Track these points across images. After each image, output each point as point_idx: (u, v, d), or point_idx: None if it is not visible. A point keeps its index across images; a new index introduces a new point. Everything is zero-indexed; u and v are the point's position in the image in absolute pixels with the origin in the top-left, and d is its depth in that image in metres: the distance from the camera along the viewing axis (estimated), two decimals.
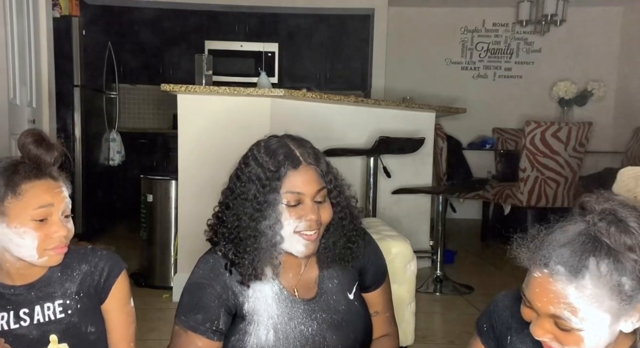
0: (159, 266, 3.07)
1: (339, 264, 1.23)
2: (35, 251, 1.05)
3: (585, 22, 5.69)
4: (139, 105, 5.91)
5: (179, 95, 2.79)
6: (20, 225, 1.04)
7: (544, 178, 3.99)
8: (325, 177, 1.16)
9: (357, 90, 5.65)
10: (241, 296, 1.16)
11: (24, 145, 1.06)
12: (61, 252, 1.09)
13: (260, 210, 1.11)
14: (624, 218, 0.83)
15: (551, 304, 0.83)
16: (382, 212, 3.36)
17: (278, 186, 1.10)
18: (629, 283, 0.81)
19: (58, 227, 1.06)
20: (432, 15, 5.83)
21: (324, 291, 1.22)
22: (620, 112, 5.73)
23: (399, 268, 1.98)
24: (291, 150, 1.14)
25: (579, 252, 0.82)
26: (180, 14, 5.48)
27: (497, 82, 5.95)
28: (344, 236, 1.21)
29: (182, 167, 2.83)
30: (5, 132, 2.78)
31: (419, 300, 2.20)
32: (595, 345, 0.84)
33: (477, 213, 5.19)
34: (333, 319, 1.20)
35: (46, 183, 1.06)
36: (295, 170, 1.11)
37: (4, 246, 1.06)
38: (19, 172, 1.04)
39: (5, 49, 2.80)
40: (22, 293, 1.10)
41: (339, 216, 1.20)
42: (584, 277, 0.80)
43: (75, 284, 1.14)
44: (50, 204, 1.05)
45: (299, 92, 2.96)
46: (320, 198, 1.13)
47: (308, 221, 1.11)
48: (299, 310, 1.18)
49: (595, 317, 0.81)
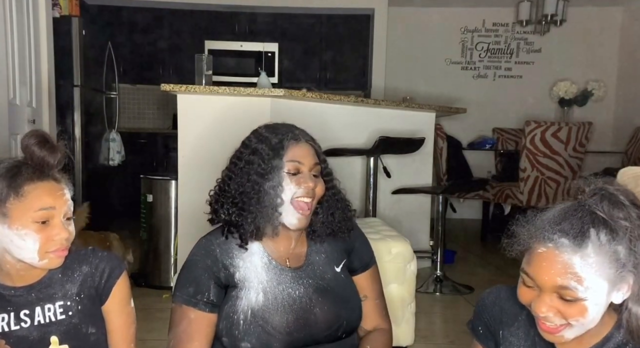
0: (159, 266, 3.06)
1: (334, 239, 1.31)
2: (37, 253, 1.05)
3: (585, 22, 5.69)
4: (139, 105, 5.91)
5: (179, 95, 2.79)
6: (21, 227, 1.03)
7: (544, 178, 3.99)
8: (320, 156, 1.28)
9: (357, 90, 5.65)
10: (232, 267, 1.22)
11: (27, 147, 1.06)
12: (62, 255, 1.09)
13: (264, 175, 1.20)
14: (614, 192, 0.91)
15: (558, 275, 0.88)
16: (382, 212, 3.36)
17: (282, 154, 1.21)
18: (623, 252, 0.87)
19: (59, 230, 1.06)
20: (432, 15, 5.83)
21: (311, 262, 1.30)
22: (620, 112, 5.73)
23: (399, 268, 1.98)
24: (292, 128, 1.28)
25: (579, 224, 0.88)
26: (180, 14, 5.48)
27: (497, 82, 5.95)
28: (339, 209, 1.31)
29: (182, 167, 2.83)
30: (5, 132, 2.78)
31: (419, 300, 2.21)
32: (596, 314, 0.89)
33: (477, 213, 5.19)
34: (319, 284, 1.27)
35: (49, 185, 1.06)
36: (297, 142, 1.24)
37: (5, 247, 1.06)
38: (21, 174, 1.04)
39: (5, 49, 2.80)
40: (22, 294, 1.10)
41: (332, 192, 1.30)
42: (587, 246, 0.87)
43: (76, 285, 1.14)
44: (52, 207, 1.05)
45: (299, 92, 2.97)
46: (315, 173, 1.24)
47: (305, 188, 1.20)
48: (287, 276, 1.25)
49: (597, 285, 0.87)
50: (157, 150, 5.30)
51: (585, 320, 0.89)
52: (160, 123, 5.86)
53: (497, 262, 3.82)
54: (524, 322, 1.03)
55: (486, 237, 4.68)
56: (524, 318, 1.03)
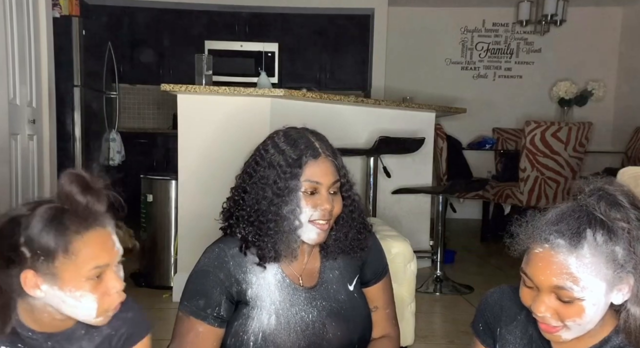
0: (158, 266, 3.06)
1: (347, 256, 1.26)
2: (95, 312, 0.94)
3: (585, 22, 5.69)
4: (139, 105, 5.91)
5: (179, 95, 2.79)
6: (75, 288, 0.91)
7: (544, 178, 3.99)
8: (340, 171, 1.22)
9: (357, 90, 5.65)
10: (244, 283, 1.19)
11: (69, 196, 0.91)
12: (118, 309, 0.98)
13: (281, 195, 1.15)
14: (613, 193, 0.91)
15: (554, 276, 0.88)
16: (382, 212, 3.36)
17: (299, 173, 1.15)
18: (621, 252, 0.87)
19: (115, 282, 0.95)
20: (432, 15, 5.83)
21: (325, 280, 1.26)
22: (620, 112, 5.73)
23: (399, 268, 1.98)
24: (311, 142, 1.19)
25: (575, 225, 0.88)
26: (180, 14, 5.48)
27: (497, 82, 5.95)
28: (354, 228, 1.25)
29: (182, 167, 2.83)
30: (5, 132, 2.78)
31: (419, 300, 2.20)
32: (594, 314, 0.89)
33: (477, 213, 5.19)
34: (332, 307, 1.23)
35: (98, 236, 0.92)
36: (315, 160, 1.16)
37: (54, 307, 0.93)
38: (67, 227, 0.89)
39: (5, 49, 2.80)
40: (38, 339, 0.98)
41: (350, 209, 1.25)
42: (583, 247, 0.87)
43: (92, 345, 1.04)
44: (107, 264, 0.94)
45: (299, 92, 2.96)
46: (334, 190, 1.19)
47: (322, 210, 1.15)
48: (300, 297, 1.21)
49: (594, 285, 0.87)
50: (157, 150, 5.30)
51: (583, 320, 0.89)
52: (160, 123, 5.86)
53: (497, 262, 3.82)
54: (523, 321, 1.04)
55: (486, 237, 4.68)
56: (523, 317, 1.04)
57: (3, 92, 2.78)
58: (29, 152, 3.06)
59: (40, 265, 0.88)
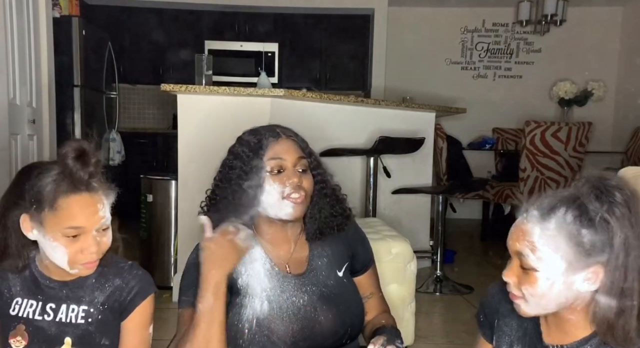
0: (159, 266, 3.06)
1: (327, 235, 1.29)
2: (66, 263, 1.07)
3: (585, 22, 5.69)
4: (139, 105, 5.91)
5: (179, 95, 2.79)
6: (52, 238, 1.05)
7: (544, 178, 3.99)
8: (304, 150, 1.26)
9: (357, 90, 5.65)
10: (234, 273, 1.20)
11: (62, 158, 1.04)
12: (91, 267, 1.10)
13: (245, 176, 1.20)
14: (610, 188, 0.91)
15: (518, 241, 0.93)
16: (382, 212, 3.36)
17: (262, 154, 1.20)
18: (589, 238, 0.89)
19: (89, 244, 1.06)
20: (432, 15, 5.84)
21: (314, 267, 1.28)
22: (620, 112, 5.73)
23: (399, 268, 1.98)
24: (272, 127, 1.27)
25: (555, 202, 0.92)
26: (180, 14, 5.48)
27: (497, 82, 5.95)
28: (327, 204, 1.29)
29: (182, 167, 2.83)
30: (5, 132, 2.78)
31: (419, 300, 2.21)
32: (547, 290, 0.91)
33: (477, 213, 5.19)
34: (322, 292, 1.26)
35: (82, 200, 1.04)
36: (276, 140, 1.22)
37: (43, 249, 1.09)
38: (59, 185, 1.03)
39: (5, 49, 2.80)
40: (55, 287, 1.13)
41: (320, 186, 1.28)
42: (551, 220, 0.91)
43: (104, 295, 1.14)
44: (81, 227, 1.05)
45: (299, 92, 2.97)
46: (302, 167, 1.22)
47: (291, 183, 1.19)
48: (290, 283, 1.24)
49: (550, 259, 0.90)
50: (157, 150, 5.30)
51: (535, 292, 0.92)
52: (160, 123, 5.86)
53: (497, 262, 3.82)
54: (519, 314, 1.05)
55: (486, 237, 4.68)
56: None
57: (3, 92, 2.78)
58: (29, 152, 3.06)
59: (33, 212, 1.05)
